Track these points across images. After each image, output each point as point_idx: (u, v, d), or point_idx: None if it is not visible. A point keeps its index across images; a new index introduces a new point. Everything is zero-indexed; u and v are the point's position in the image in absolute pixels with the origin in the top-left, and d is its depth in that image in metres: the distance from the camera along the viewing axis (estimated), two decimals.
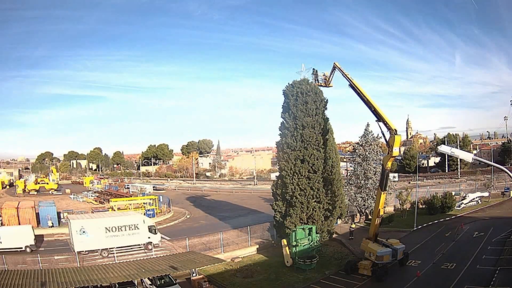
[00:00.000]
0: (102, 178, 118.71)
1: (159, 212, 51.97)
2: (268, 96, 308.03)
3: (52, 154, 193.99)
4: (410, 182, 75.92)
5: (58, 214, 43.87)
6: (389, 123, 23.68)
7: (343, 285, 23.11)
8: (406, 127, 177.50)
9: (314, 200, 30.17)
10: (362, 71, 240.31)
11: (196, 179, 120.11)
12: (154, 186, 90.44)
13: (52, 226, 41.33)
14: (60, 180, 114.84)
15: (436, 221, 38.58)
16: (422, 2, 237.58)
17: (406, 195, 43.86)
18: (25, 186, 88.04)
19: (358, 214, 41.60)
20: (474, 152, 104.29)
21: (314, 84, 30.62)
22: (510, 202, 48.31)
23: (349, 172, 47.02)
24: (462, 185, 65.73)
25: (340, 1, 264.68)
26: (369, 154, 40.34)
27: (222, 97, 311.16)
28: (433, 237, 33.03)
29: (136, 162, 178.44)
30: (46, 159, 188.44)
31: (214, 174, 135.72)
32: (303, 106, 30.36)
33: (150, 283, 22.47)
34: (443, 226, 36.47)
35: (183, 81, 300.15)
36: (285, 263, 27.73)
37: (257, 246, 32.44)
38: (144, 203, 51.09)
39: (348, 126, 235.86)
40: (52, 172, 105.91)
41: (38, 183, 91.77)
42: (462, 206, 44.59)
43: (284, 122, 31.66)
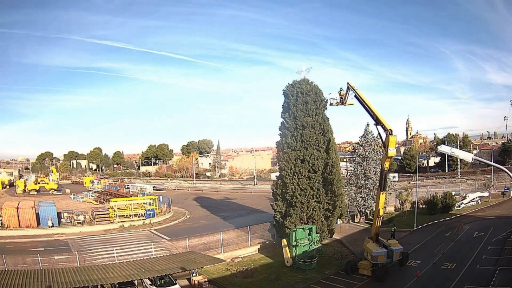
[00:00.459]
0: (102, 178, 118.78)
1: (159, 212, 51.99)
2: (268, 96, 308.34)
3: (52, 154, 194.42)
4: (410, 182, 75.97)
5: (58, 214, 43.89)
6: (385, 124, 23.84)
7: (343, 285, 23.11)
8: (406, 127, 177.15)
9: (314, 200, 30.18)
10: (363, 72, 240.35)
11: (196, 179, 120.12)
12: (154, 186, 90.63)
13: (52, 226, 41.28)
14: (60, 180, 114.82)
15: (436, 221, 38.64)
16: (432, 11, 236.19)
17: (406, 195, 43.85)
18: (25, 186, 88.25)
19: (358, 214, 41.61)
20: (474, 152, 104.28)
21: (330, 102, 30.57)
22: (510, 202, 48.39)
23: (349, 172, 46.99)
24: (462, 185, 65.81)
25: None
26: (369, 154, 40.38)
27: (222, 97, 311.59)
28: (433, 237, 33.06)
29: (136, 162, 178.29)
30: (46, 159, 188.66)
31: (214, 174, 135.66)
32: (303, 106, 30.38)
33: (150, 283, 22.45)
34: (443, 226, 36.51)
35: (183, 81, 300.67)
36: (285, 263, 27.74)
37: (257, 246, 32.44)
38: (144, 203, 51.04)
39: (348, 126, 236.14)
40: (52, 172, 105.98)
41: (38, 183, 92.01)
42: (462, 206, 44.67)
43: (284, 122, 31.67)
